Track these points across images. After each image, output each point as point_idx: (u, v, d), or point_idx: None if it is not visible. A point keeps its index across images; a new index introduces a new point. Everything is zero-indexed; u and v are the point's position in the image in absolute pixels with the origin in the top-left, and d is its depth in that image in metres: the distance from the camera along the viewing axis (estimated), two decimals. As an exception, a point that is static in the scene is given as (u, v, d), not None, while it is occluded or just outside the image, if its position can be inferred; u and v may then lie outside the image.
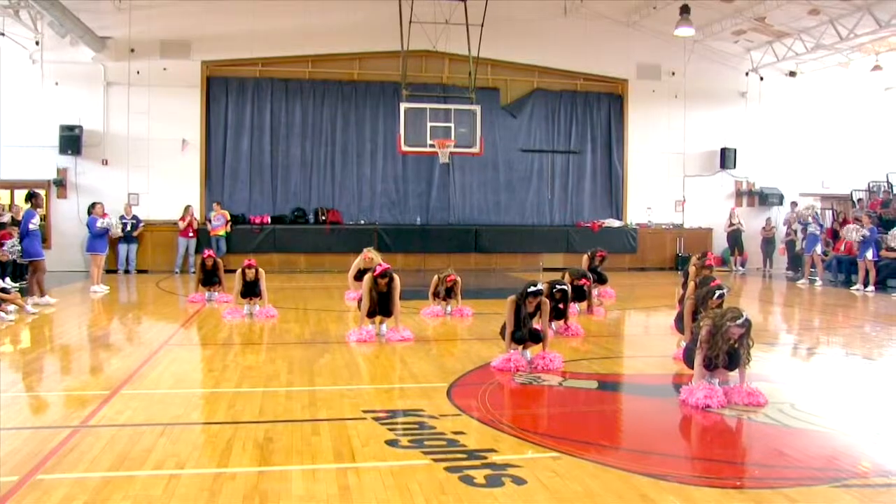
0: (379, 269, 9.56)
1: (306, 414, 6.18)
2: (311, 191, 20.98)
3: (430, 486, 4.51)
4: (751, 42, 21.86)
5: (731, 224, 21.91)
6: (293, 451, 5.15)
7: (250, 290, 11.64)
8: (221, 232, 19.55)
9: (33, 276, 13.01)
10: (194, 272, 17.03)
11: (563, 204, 22.46)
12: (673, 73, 22.53)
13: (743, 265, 21.97)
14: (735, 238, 21.90)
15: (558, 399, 6.89)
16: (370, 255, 13.00)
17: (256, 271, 11.63)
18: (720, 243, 22.54)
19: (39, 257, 13.15)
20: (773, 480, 4.71)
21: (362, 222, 20.71)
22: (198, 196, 20.28)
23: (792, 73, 23.11)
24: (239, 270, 11.73)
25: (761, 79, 22.90)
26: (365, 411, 6.12)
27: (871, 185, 23.22)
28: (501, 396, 6.86)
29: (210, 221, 19.55)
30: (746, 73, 22.95)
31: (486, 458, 4.99)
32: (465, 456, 5.03)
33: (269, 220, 20.39)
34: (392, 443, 5.32)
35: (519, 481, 4.58)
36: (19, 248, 13.87)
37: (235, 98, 20.64)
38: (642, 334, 11.84)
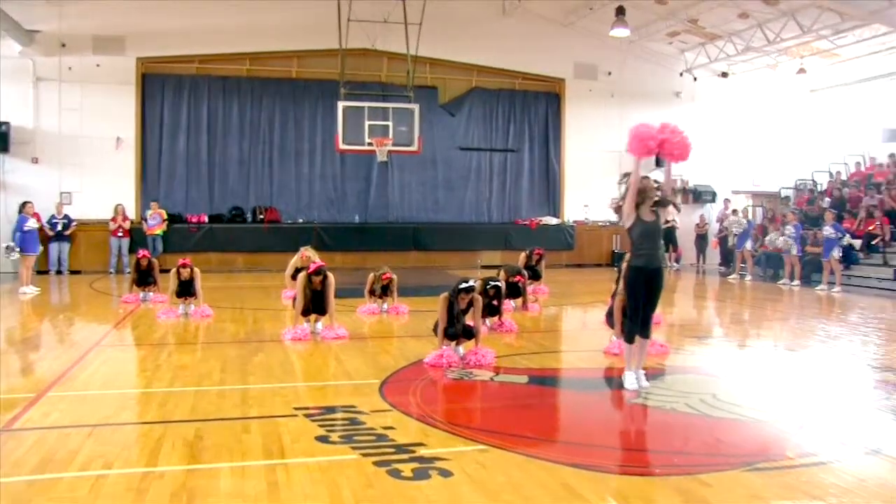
0: (312, 267, 9.58)
1: (238, 412, 6.20)
2: (249, 189, 20.81)
3: (357, 480, 4.59)
4: (684, 43, 22.33)
5: (666, 221, 22.19)
6: (223, 449, 5.17)
7: (185, 289, 11.55)
8: (158, 231, 19.27)
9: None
10: (129, 272, 16.73)
11: (502, 202, 22.68)
12: (609, 73, 22.89)
13: (677, 261, 22.42)
14: (669, 235, 22.24)
15: (488, 394, 7.01)
16: (307, 254, 12.97)
17: (191, 270, 11.55)
18: (655, 240, 22.91)
19: None
20: (692, 467, 4.90)
21: (301, 221, 20.62)
22: (133, 195, 19.95)
23: (724, 74, 23.67)
24: (174, 270, 11.65)
25: (695, 79, 23.42)
26: (297, 408, 6.16)
27: (797, 183, 23.94)
28: (433, 392, 6.95)
29: (146, 221, 19.25)
30: (681, 74, 23.43)
31: (414, 451, 5.09)
32: (393, 450, 5.12)
33: (207, 219, 20.14)
34: (322, 439, 5.38)
35: (445, 474, 4.68)
36: None
37: (172, 96, 20.33)
38: (575, 330, 12.03)
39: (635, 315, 6.84)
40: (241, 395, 6.69)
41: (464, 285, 7.86)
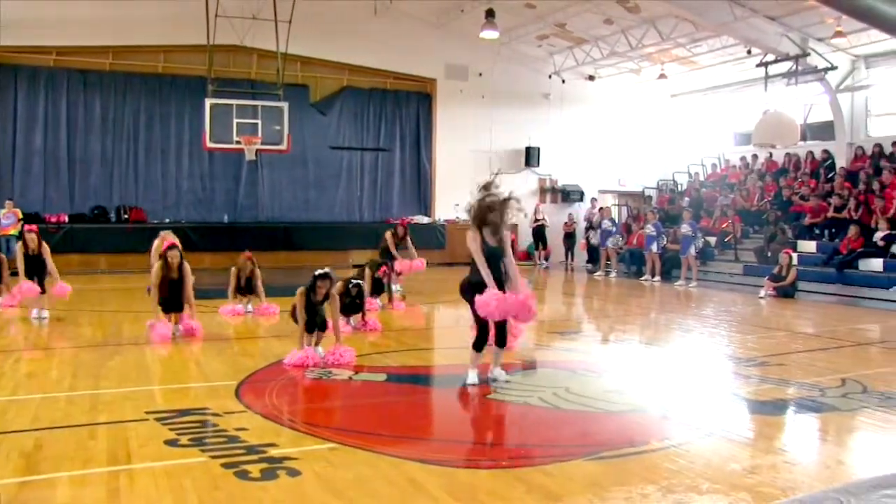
0: (166, 244, 9.36)
1: (85, 418, 6.00)
2: (113, 188, 20.04)
3: (203, 482, 4.55)
4: (553, 47, 22.95)
5: (536, 220, 22.87)
6: (64, 458, 5.00)
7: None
8: (12, 231, 18.29)
9: None
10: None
11: (373, 201, 22.72)
12: (480, 74, 23.25)
13: (547, 259, 23.01)
14: (539, 233, 22.87)
15: (345, 392, 7.05)
16: (170, 239, 12.50)
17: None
18: (525, 238, 23.51)
19: None
20: (537, 458, 5.10)
21: (167, 221, 19.96)
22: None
23: (591, 77, 24.46)
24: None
25: (563, 81, 24.07)
26: (148, 412, 6.03)
27: (659, 183, 25.03)
28: (290, 392, 6.92)
29: None
30: (549, 76, 24.04)
31: (265, 452, 5.08)
32: (244, 451, 5.09)
33: (67, 218, 19.25)
34: (172, 442, 5.30)
35: (293, 473, 4.70)
36: None
37: (27, 88, 19.32)
38: (441, 328, 12.21)
39: (484, 327, 6.94)
40: (92, 401, 6.48)
41: (319, 271, 7.86)
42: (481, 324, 6.91)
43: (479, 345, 6.97)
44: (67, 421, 6.01)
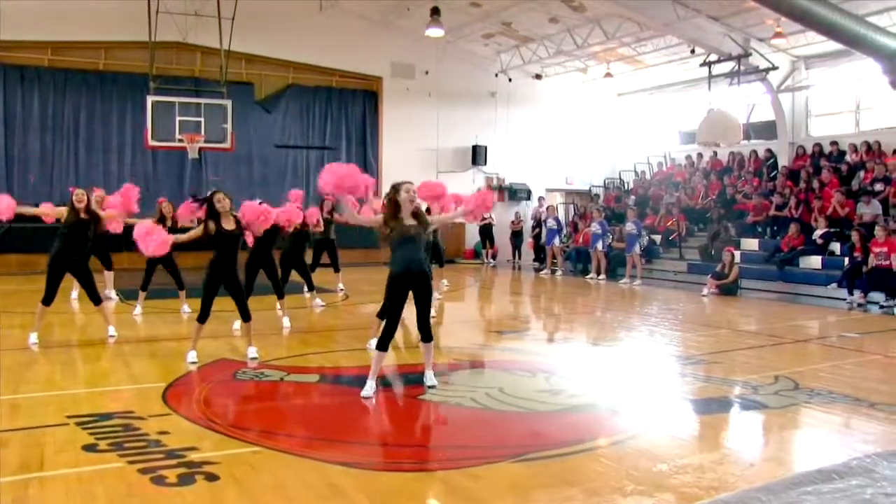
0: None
1: (0, 425, 5.84)
2: (53, 187, 19.53)
3: (117, 489, 4.44)
4: (500, 45, 23.01)
5: (483, 218, 22.82)
6: (-30, 467, 4.86)
7: None
8: None
9: None
10: None
11: (319, 200, 22.47)
12: (427, 73, 23.20)
13: (494, 257, 23.05)
14: (486, 232, 22.88)
15: (276, 394, 6.94)
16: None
17: None
18: (472, 237, 23.55)
19: None
20: (463, 461, 5.04)
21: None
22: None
23: (538, 76, 24.57)
24: None
25: (510, 80, 24.14)
26: (69, 416, 5.87)
27: (606, 181, 25.24)
28: (219, 394, 6.80)
29: None
30: (496, 75, 24.09)
31: (184, 456, 4.97)
32: (163, 456, 4.98)
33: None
34: (90, 447, 5.16)
35: (212, 478, 4.61)
36: None
37: (-40, 84, 18.84)
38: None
39: (393, 323, 6.67)
40: (10, 406, 6.29)
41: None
42: (390, 318, 6.63)
43: (383, 343, 6.60)
44: (-18, 428, 5.85)
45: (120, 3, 18.34)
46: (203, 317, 8.00)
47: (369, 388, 6.57)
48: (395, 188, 6.65)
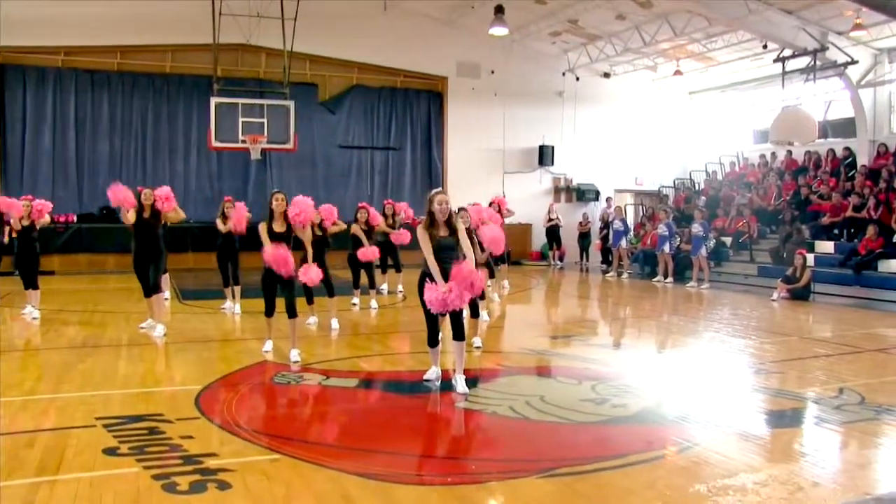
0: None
1: (31, 424, 5.81)
2: (121, 187, 19.95)
3: (126, 495, 4.33)
4: (566, 43, 22.56)
5: (550, 219, 22.47)
6: (-8, 467, 4.81)
7: None
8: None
9: None
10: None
11: (383, 200, 22.39)
12: (492, 72, 22.90)
13: (561, 259, 22.61)
14: (553, 233, 22.48)
15: (309, 399, 6.77)
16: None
17: None
18: (539, 238, 23.16)
19: None
20: (486, 475, 4.78)
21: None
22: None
23: (606, 75, 24.03)
24: None
25: (577, 79, 23.68)
26: (98, 418, 5.82)
27: (676, 182, 24.53)
28: (252, 398, 6.67)
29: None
30: (563, 73, 23.66)
31: (201, 463, 4.84)
32: (180, 462, 4.86)
33: (75, 218, 19.27)
34: (110, 451, 5.08)
35: (223, 486, 4.46)
36: None
37: (35, 89, 19.31)
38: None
39: (433, 321, 6.86)
40: (46, 406, 6.30)
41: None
42: (430, 318, 6.79)
43: (431, 340, 6.95)
44: (12, 427, 5.82)
45: (185, 6, 18.62)
46: (269, 311, 8.25)
47: (432, 372, 7.09)
48: (430, 199, 6.84)
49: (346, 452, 5.15)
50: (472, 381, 6.83)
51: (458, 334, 6.74)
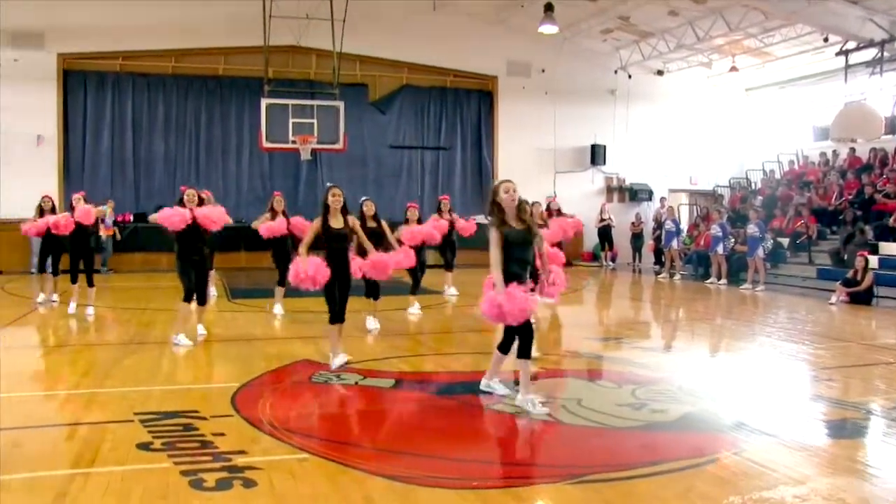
0: None
1: (72, 418, 5.93)
2: (176, 187, 20.07)
3: (153, 490, 4.36)
4: (618, 41, 22.27)
5: (602, 220, 22.24)
6: (31, 459, 4.94)
7: None
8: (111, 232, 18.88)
9: None
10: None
11: (433, 200, 22.40)
12: (543, 71, 22.75)
13: (613, 260, 22.38)
14: (605, 234, 22.25)
15: (343, 399, 6.74)
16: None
17: None
18: (591, 239, 22.92)
19: None
20: (514, 479, 4.72)
21: (228, 220, 20.14)
22: (56, 194, 19.32)
23: (660, 72, 23.67)
24: None
25: (629, 77, 23.37)
26: (136, 413, 5.89)
27: (732, 181, 24.03)
28: (288, 396, 6.68)
29: (103, 221, 18.59)
30: (615, 71, 23.38)
31: (230, 460, 4.85)
32: (210, 458, 4.88)
33: (132, 217, 19.72)
34: (144, 446, 5.13)
35: (249, 484, 4.46)
36: None
37: (95, 92, 19.88)
38: (473, 331, 10.68)
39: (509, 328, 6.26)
40: (88, 400, 6.41)
41: None
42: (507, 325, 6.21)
43: (504, 347, 6.32)
44: (55, 420, 5.98)
45: (237, 10, 18.93)
46: (333, 318, 7.70)
47: (483, 383, 6.62)
48: (494, 190, 6.20)
49: (373, 453, 5.11)
50: (510, 384, 6.71)
51: (524, 351, 6.15)
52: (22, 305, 12.65)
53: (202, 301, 9.38)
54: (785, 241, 18.58)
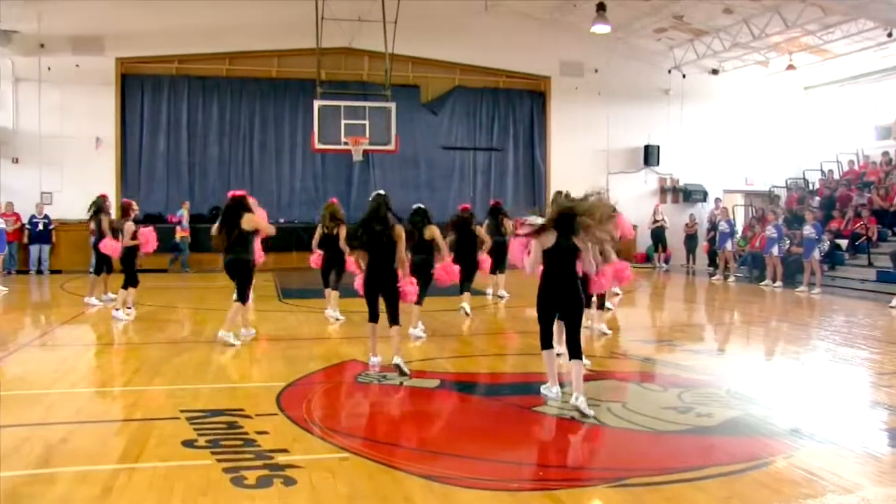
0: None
1: (121, 414, 6.08)
2: (230, 189, 20.53)
3: (195, 486, 4.43)
4: (672, 40, 21.96)
5: (655, 221, 21.97)
6: (80, 453, 5.04)
7: None
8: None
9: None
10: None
11: (485, 201, 22.32)
12: (596, 71, 22.55)
13: (667, 262, 22.09)
14: (658, 235, 21.98)
15: (387, 399, 6.76)
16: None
17: None
18: (644, 240, 22.64)
19: None
20: (556, 482, 4.68)
21: (281, 221, 20.27)
22: (113, 195, 19.82)
23: (715, 71, 23.28)
24: None
25: (684, 76, 23.03)
26: (182, 411, 5.99)
27: (788, 182, 23.51)
28: (332, 396, 6.74)
29: (181, 223, 19.04)
30: (669, 71, 23.06)
31: (272, 458, 4.90)
32: (252, 456, 4.93)
33: (187, 219, 20.06)
34: (189, 443, 5.21)
35: (289, 482, 4.50)
36: None
37: (151, 96, 20.33)
38: (520, 332, 10.48)
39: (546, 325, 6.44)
40: (137, 397, 6.53)
41: None
42: (543, 322, 6.39)
43: (544, 342, 6.43)
44: (105, 416, 6.11)
45: (290, 13, 19.17)
46: (373, 316, 7.76)
47: (544, 388, 6.56)
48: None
49: (413, 453, 5.13)
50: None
51: (573, 351, 6.24)
52: (79, 304, 12.94)
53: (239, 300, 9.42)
54: (843, 243, 18.11)
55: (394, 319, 7.56)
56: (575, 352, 6.22)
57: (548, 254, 6.27)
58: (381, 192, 8.03)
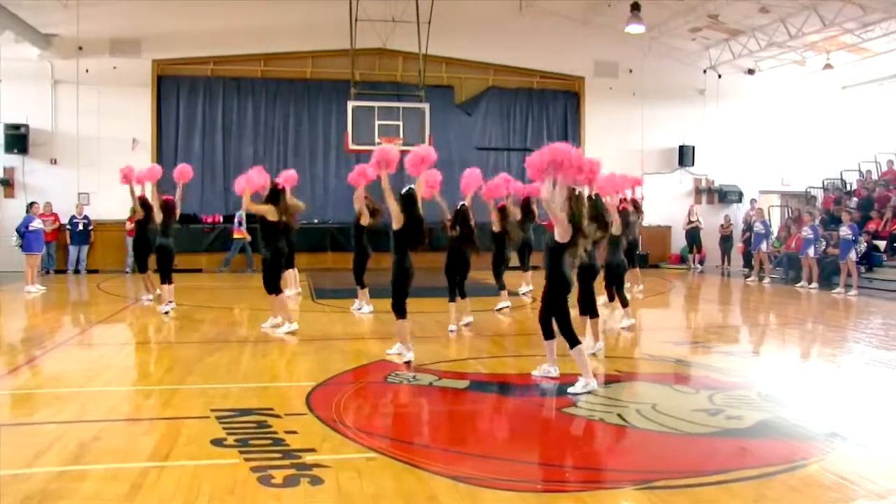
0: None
1: (153, 413, 6.14)
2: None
3: (222, 485, 4.45)
4: (707, 39, 21.74)
5: (690, 222, 21.77)
6: (111, 451, 5.10)
7: None
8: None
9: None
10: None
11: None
12: (630, 71, 22.42)
13: (701, 263, 21.88)
14: (693, 236, 21.77)
15: (416, 399, 6.77)
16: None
17: None
18: (679, 241, 22.46)
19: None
20: (581, 484, 4.65)
21: (315, 221, 20.47)
22: (149, 195, 20.06)
23: (750, 71, 23.02)
24: None
25: (719, 76, 22.80)
26: (213, 410, 6.04)
27: (825, 182, 23.16)
28: (361, 396, 6.75)
29: (240, 224, 19.06)
30: (704, 71, 22.84)
31: (300, 458, 4.92)
32: (280, 456, 4.96)
33: (221, 219, 20.24)
34: (218, 442, 5.25)
35: (316, 482, 4.52)
36: None
37: (187, 97, 20.56)
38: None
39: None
40: (169, 396, 6.60)
41: None
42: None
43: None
44: (136, 414, 6.18)
45: (324, 14, 19.33)
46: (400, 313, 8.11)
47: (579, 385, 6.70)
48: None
49: (441, 454, 5.12)
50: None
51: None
52: (114, 303, 13.15)
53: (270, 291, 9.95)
54: (881, 244, 17.81)
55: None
56: (549, 333, 7.01)
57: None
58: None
